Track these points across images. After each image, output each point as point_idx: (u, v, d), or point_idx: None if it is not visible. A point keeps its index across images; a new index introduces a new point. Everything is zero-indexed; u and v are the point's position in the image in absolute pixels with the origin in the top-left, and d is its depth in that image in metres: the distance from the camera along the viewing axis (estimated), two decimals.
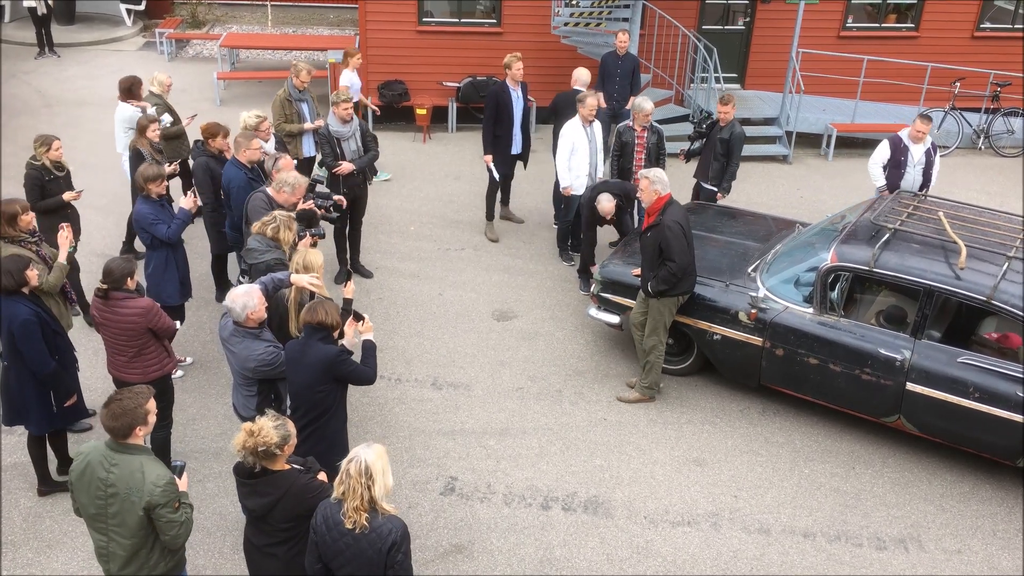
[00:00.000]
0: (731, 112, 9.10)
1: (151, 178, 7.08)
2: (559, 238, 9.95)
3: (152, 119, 7.87)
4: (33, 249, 6.46)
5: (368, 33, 13.14)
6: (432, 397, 7.56)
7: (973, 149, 13.56)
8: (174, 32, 16.94)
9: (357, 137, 8.58)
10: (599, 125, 9.33)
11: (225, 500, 6.27)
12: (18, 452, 6.59)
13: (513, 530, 6.22)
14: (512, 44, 13.19)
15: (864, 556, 6.13)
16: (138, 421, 4.39)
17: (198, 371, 7.70)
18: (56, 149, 7.63)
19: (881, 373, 6.74)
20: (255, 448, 4.28)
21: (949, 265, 6.65)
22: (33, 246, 6.49)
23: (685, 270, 6.97)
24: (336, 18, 19.12)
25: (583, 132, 9.10)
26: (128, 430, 4.37)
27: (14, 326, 5.66)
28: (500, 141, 9.70)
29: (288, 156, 7.55)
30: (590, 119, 9.10)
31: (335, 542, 4.08)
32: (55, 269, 6.42)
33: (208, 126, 8.12)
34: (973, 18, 13.86)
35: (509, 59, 9.55)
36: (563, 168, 9.23)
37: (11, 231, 6.41)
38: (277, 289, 5.77)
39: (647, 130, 9.08)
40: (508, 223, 10.54)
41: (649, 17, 12.77)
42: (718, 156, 9.24)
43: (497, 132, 9.66)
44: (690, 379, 7.87)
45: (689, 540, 6.20)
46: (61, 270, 6.44)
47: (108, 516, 4.41)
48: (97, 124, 13.07)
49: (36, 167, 7.60)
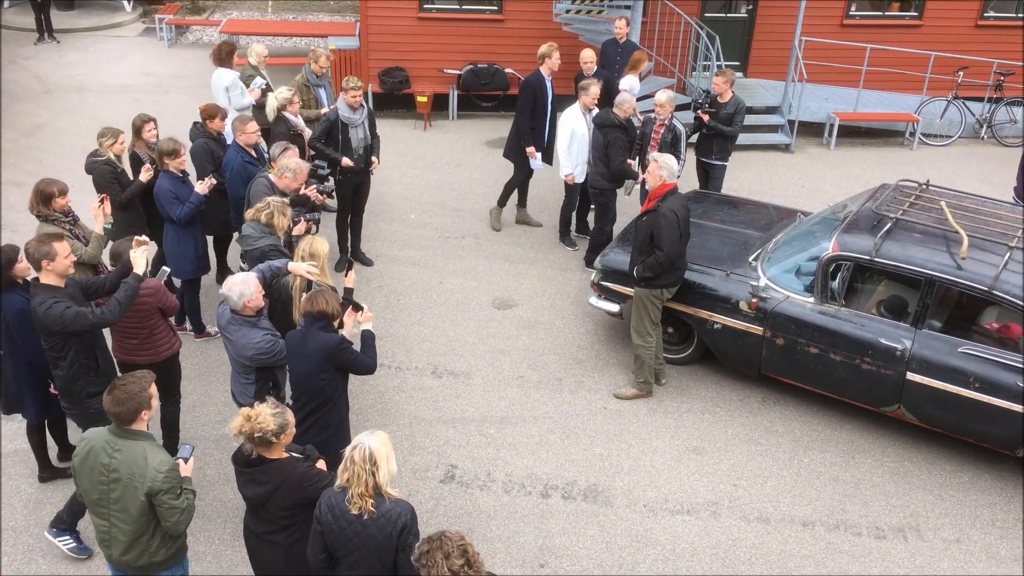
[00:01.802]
0: (725, 86, 9.27)
1: (168, 152, 7.20)
2: (561, 222, 9.93)
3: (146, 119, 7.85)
4: (67, 228, 6.51)
5: (369, 20, 13.09)
6: (432, 385, 7.56)
7: (976, 138, 13.51)
8: (174, 18, 16.88)
9: (365, 124, 8.60)
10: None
11: (225, 487, 6.28)
12: (19, 439, 6.60)
13: (513, 518, 6.23)
14: (513, 31, 13.18)
15: (863, 545, 6.14)
16: (143, 405, 4.40)
17: (198, 357, 7.70)
18: (121, 142, 7.57)
19: (881, 363, 6.73)
20: (251, 434, 4.28)
21: (950, 255, 6.64)
22: (67, 225, 6.54)
23: (672, 261, 6.93)
24: (337, 4, 19.05)
25: (583, 119, 9.10)
26: (134, 415, 4.38)
27: (9, 315, 5.65)
28: (536, 133, 9.60)
29: (295, 148, 7.57)
30: (591, 107, 9.08)
31: (343, 530, 4.09)
32: (92, 240, 6.52)
33: (207, 107, 8.15)
34: (977, 7, 13.79)
35: (547, 49, 9.46)
36: (563, 155, 9.23)
37: (45, 210, 6.45)
38: (275, 277, 5.76)
39: (664, 126, 9.04)
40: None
41: (651, 4, 12.71)
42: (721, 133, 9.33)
43: (532, 124, 9.55)
44: (690, 368, 7.87)
45: (688, 529, 6.21)
46: (99, 241, 6.54)
47: (110, 502, 4.43)
48: (97, 110, 13.03)
49: (106, 161, 7.47)
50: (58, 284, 5.39)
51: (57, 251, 5.31)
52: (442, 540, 3.63)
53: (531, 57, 13.07)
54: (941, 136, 13.34)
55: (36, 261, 5.31)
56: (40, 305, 5.26)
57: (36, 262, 5.32)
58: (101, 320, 5.42)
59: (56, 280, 5.38)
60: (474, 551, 3.67)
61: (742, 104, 9.41)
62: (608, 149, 8.66)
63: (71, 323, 5.26)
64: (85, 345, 5.49)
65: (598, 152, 8.78)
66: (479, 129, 13.16)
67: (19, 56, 15.31)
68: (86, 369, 5.52)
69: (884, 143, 13.33)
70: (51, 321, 5.23)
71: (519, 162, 9.79)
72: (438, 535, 3.66)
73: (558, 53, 9.46)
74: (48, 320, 5.23)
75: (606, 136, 8.64)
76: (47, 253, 5.28)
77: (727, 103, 9.30)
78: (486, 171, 11.69)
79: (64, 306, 5.26)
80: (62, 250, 5.35)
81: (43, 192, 6.43)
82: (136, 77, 14.66)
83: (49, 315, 5.22)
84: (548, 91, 9.49)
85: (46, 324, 5.26)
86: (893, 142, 13.35)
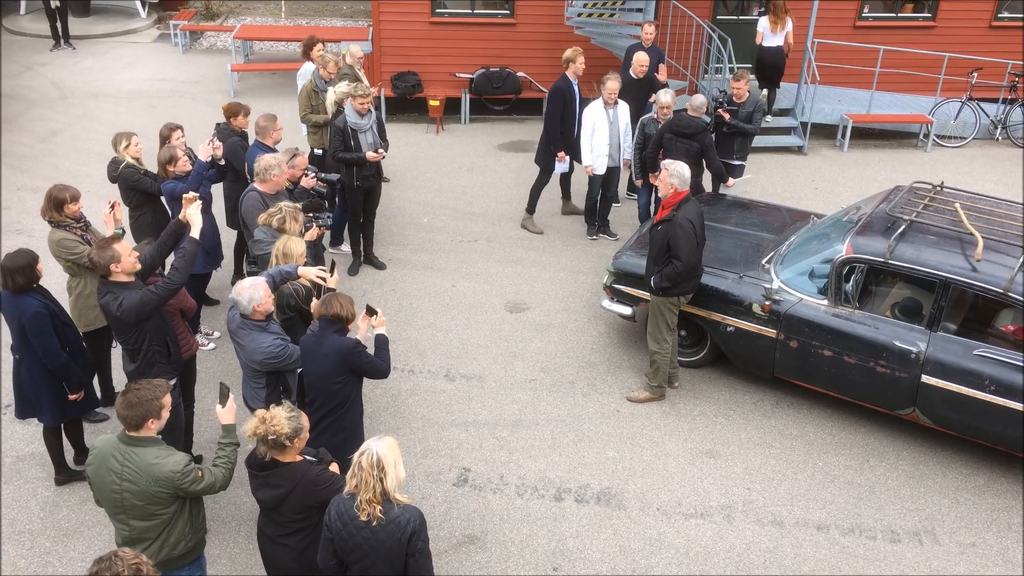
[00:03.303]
0: (744, 87, 9.48)
1: (166, 161, 7.30)
2: (586, 212, 10.13)
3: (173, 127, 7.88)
4: (79, 234, 6.56)
5: (381, 25, 13.13)
6: (445, 388, 7.58)
7: (990, 140, 13.42)
8: (188, 24, 16.99)
9: (374, 129, 8.62)
10: (625, 107, 9.53)
11: (240, 490, 6.30)
12: (36, 442, 6.64)
13: (526, 521, 6.23)
14: (526, 35, 13.20)
15: (878, 549, 6.11)
16: (152, 414, 4.42)
17: (212, 361, 7.74)
18: (135, 144, 7.60)
19: (896, 365, 6.70)
20: (266, 436, 4.30)
21: (965, 257, 6.60)
22: (79, 230, 6.58)
23: (690, 270, 6.93)
24: (350, 9, 19.12)
25: (604, 113, 9.35)
26: (141, 421, 4.40)
27: (25, 319, 5.71)
28: (565, 137, 9.72)
29: (304, 156, 7.65)
30: (611, 102, 9.29)
31: (351, 536, 4.10)
32: None
33: (229, 106, 8.42)
34: (991, 7, 13.70)
35: (571, 53, 9.57)
36: (585, 148, 9.48)
37: (57, 216, 6.50)
38: (284, 281, 5.78)
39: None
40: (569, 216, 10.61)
41: (663, 8, 12.70)
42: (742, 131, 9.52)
43: (562, 128, 9.65)
44: (703, 371, 7.85)
45: (702, 532, 6.19)
46: None
47: (125, 508, 4.46)
48: (113, 116, 13.14)
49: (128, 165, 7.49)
50: (129, 280, 5.50)
51: (120, 252, 5.42)
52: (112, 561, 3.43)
53: (543, 61, 13.17)
54: (955, 138, 13.25)
55: (104, 267, 5.40)
56: (113, 301, 5.36)
57: (105, 267, 5.41)
58: (167, 289, 5.50)
59: (126, 278, 5.49)
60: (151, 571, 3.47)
61: (761, 103, 9.66)
62: (706, 153, 8.89)
63: (141, 307, 5.36)
64: (158, 334, 5.59)
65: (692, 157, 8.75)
66: (491, 133, 13.18)
67: (35, 63, 15.45)
68: (160, 357, 5.61)
69: (898, 145, 13.26)
70: (127, 313, 5.33)
71: (548, 167, 9.94)
72: (109, 555, 3.45)
73: (583, 57, 9.60)
74: (125, 313, 5.33)
75: (701, 141, 8.82)
76: (112, 256, 5.38)
77: (745, 102, 9.51)
78: (498, 175, 11.71)
79: (133, 293, 5.39)
80: (123, 249, 5.46)
81: (56, 198, 6.47)
82: (151, 83, 14.76)
83: (123, 309, 5.33)
84: (576, 95, 9.62)
85: (123, 320, 5.34)
86: (907, 144, 13.29)
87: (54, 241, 6.47)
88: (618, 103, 9.41)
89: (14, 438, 6.82)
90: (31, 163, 11.52)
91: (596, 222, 10.11)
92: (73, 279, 6.61)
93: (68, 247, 6.47)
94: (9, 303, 5.79)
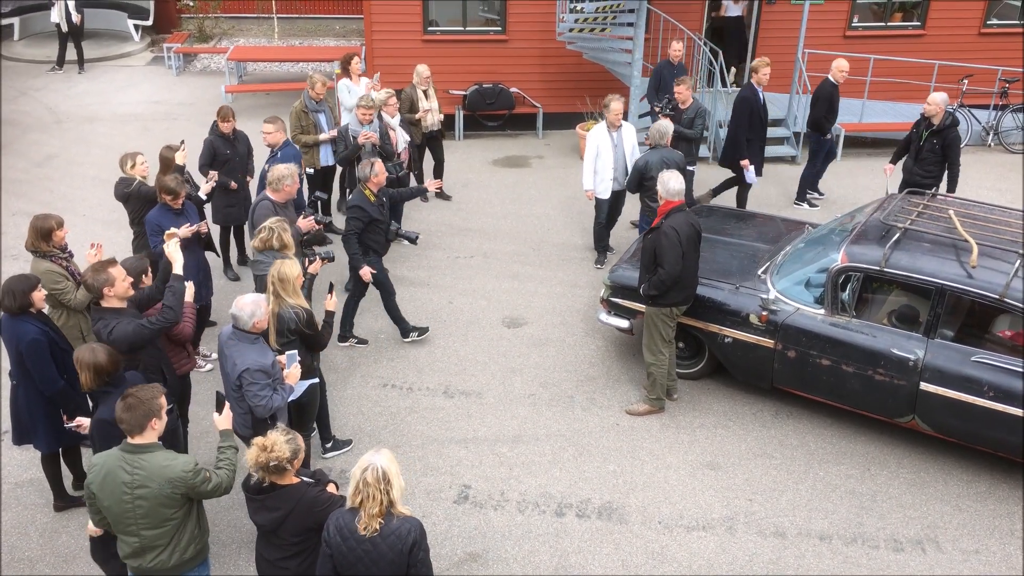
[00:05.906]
0: (687, 93, 9.60)
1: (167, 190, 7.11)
2: (595, 240, 9.97)
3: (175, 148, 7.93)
4: (63, 265, 6.48)
5: (374, 43, 13.19)
6: (444, 405, 7.56)
7: (983, 146, 13.49)
8: (182, 47, 17.07)
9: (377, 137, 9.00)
10: (630, 129, 9.43)
11: (240, 512, 6.28)
12: (34, 468, 6.62)
13: (527, 537, 6.21)
14: (518, 51, 13.26)
15: (881, 558, 6.09)
16: (153, 412, 4.45)
17: (210, 382, 7.73)
18: (141, 163, 7.66)
19: (894, 373, 6.70)
20: (267, 463, 4.29)
21: (961, 264, 6.61)
22: (63, 261, 6.51)
23: (676, 279, 6.90)
24: (342, 29, 19.21)
25: (608, 137, 9.24)
26: (144, 420, 4.42)
27: (22, 345, 5.68)
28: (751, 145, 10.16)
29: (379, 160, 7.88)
30: (616, 124, 9.21)
31: (352, 551, 4.07)
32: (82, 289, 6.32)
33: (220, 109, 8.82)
34: (980, 15, 13.81)
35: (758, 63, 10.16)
36: (587, 172, 9.40)
37: (44, 246, 6.41)
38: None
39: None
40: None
41: (653, 21, 12.77)
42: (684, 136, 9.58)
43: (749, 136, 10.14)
44: (702, 382, 7.85)
45: (704, 545, 6.17)
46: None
47: (137, 517, 4.47)
48: (107, 139, 13.17)
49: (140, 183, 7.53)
50: (121, 307, 5.52)
51: (115, 276, 5.44)
52: None
53: (536, 76, 13.23)
54: None
55: (98, 290, 5.40)
56: (104, 328, 5.40)
57: (98, 291, 5.40)
58: (161, 325, 5.60)
59: (119, 303, 5.51)
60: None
61: (703, 108, 9.75)
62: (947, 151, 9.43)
63: (135, 339, 5.42)
64: (153, 361, 5.62)
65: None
66: (486, 148, 13.22)
67: (30, 87, 15.50)
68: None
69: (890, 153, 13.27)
70: (119, 341, 5.35)
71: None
72: None
73: (768, 68, 10.07)
74: (116, 342, 5.34)
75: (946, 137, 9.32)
76: (106, 280, 5.40)
77: (688, 108, 9.60)
78: (493, 191, 11.73)
79: (127, 323, 5.43)
80: (119, 274, 5.49)
81: (42, 228, 6.35)
82: (145, 105, 14.81)
83: (114, 337, 5.36)
84: (762, 103, 10.15)
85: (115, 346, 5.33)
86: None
87: (40, 272, 6.28)
88: (623, 125, 9.27)
89: (12, 464, 6.80)
90: (27, 188, 11.53)
91: (605, 249, 9.91)
92: (54, 311, 6.46)
93: (52, 279, 6.31)
94: (8, 328, 5.76)
